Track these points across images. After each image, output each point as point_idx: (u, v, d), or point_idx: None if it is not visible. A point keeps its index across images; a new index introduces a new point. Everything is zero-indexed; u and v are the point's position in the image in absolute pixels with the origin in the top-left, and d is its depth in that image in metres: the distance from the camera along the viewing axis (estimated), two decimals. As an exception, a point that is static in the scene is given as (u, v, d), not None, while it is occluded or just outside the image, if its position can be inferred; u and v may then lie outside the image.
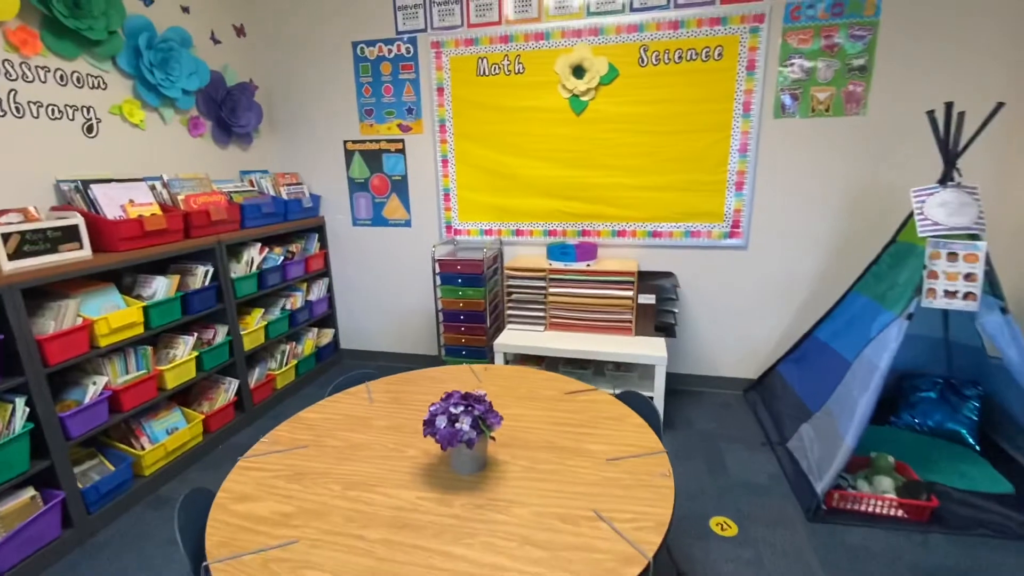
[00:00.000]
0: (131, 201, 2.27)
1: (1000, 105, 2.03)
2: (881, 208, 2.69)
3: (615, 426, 1.61)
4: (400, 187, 3.34)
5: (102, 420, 2.11)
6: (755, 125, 2.73)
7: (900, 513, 2.05)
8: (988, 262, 2.05)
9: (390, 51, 3.12)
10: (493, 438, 1.48)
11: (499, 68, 2.98)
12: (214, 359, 2.66)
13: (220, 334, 2.69)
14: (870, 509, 2.07)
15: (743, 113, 2.74)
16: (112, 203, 2.20)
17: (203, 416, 2.61)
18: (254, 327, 2.90)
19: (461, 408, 1.33)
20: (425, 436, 1.35)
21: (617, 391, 1.88)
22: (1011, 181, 2.52)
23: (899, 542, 1.93)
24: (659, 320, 2.81)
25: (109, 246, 2.17)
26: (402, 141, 3.25)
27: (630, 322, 2.82)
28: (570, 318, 2.90)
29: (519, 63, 2.94)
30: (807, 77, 2.64)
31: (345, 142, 3.35)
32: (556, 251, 2.89)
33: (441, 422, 1.31)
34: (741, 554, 1.88)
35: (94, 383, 2.09)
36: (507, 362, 2.90)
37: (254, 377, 2.96)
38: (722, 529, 2.00)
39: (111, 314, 2.10)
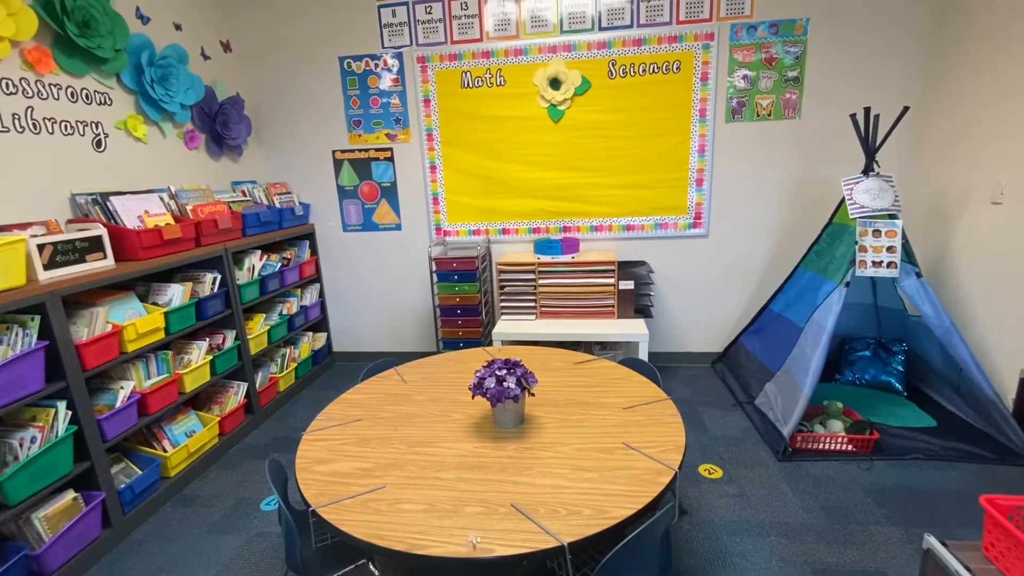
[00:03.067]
0: (147, 212, 2.36)
1: (906, 109, 2.51)
2: (817, 197, 3.16)
3: (624, 384, 1.90)
4: (390, 193, 3.52)
5: (132, 423, 2.19)
6: (711, 129, 3.14)
7: (850, 447, 2.46)
8: (904, 236, 2.51)
9: (376, 65, 3.32)
10: (533, 394, 1.73)
11: (482, 81, 3.24)
12: (225, 363, 2.75)
13: (229, 339, 2.78)
14: (826, 447, 2.47)
15: (700, 118, 3.13)
16: (130, 214, 2.29)
17: (218, 419, 2.69)
18: (258, 331, 3.00)
19: (505, 371, 1.57)
20: (474, 397, 1.58)
21: (607, 356, 2.17)
22: (920, 169, 3.05)
23: (851, 469, 2.33)
24: (637, 303, 3.15)
25: (130, 255, 2.25)
26: (391, 149, 3.44)
27: (612, 306, 3.15)
28: (559, 306, 3.19)
29: (500, 76, 3.22)
30: (751, 87, 3.07)
31: (334, 152, 3.50)
32: (544, 246, 3.18)
33: (491, 383, 1.55)
34: (727, 491, 2.21)
35: (122, 387, 2.17)
36: (503, 350, 3.14)
37: (259, 380, 3.06)
38: (709, 473, 2.34)
39: (137, 320, 2.19)
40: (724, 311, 3.45)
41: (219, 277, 2.70)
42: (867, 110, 2.55)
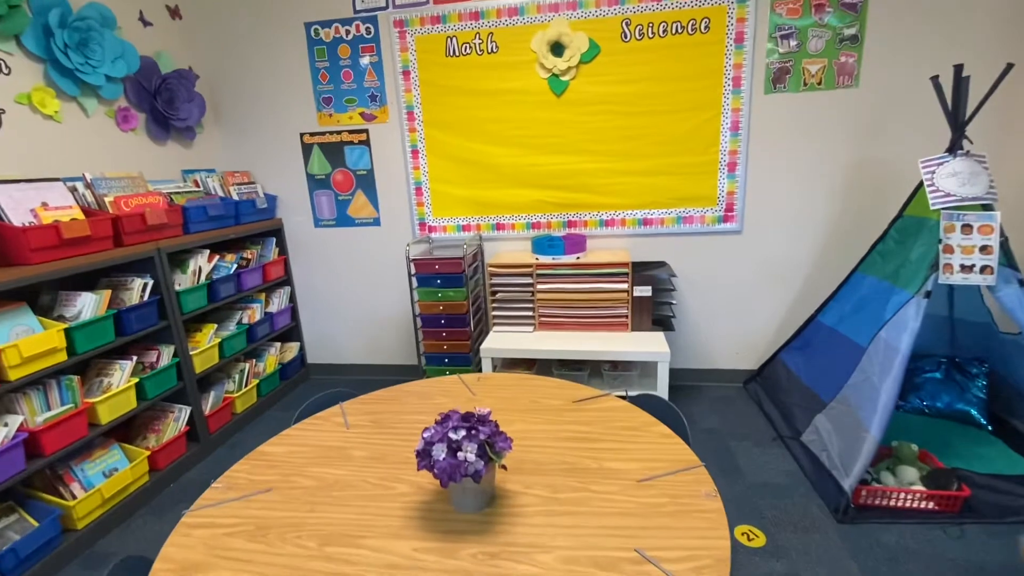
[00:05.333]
0: (44, 204, 1.91)
1: (1010, 66, 1.92)
2: (877, 184, 2.58)
3: (638, 437, 1.39)
4: (366, 182, 3.04)
5: (17, 469, 1.75)
6: (746, 101, 2.58)
7: (931, 505, 1.91)
8: (1003, 233, 1.94)
9: (348, 32, 2.82)
10: (504, 466, 1.23)
11: (470, 48, 2.73)
12: (159, 385, 2.31)
13: (165, 356, 2.34)
14: (900, 504, 1.93)
15: (733, 89, 2.58)
16: (19, 207, 1.84)
17: (149, 452, 2.25)
18: (206, 345, 2.55)
19: (463, 432, 1.08)
20: (419, 470, 1.09)
21: (618, 394, 1.66)
22: (1015, 145, 2.44)
23: (936, 537, 1.79)
24: (656, 313, 2.63)
25: (18, 258, 1.81)
26: (366, 131, 2.95)
27: (626, 317, 2.62)
28: (561, 316, 2.68)
29: (492, 42, 2.70)
30: (798, 49, 2.50)
31: (302, 135, 3.03)
32: (543, 244, 2.66)
33: (439, 451, 1.05)
34: (775, 568, 1.69)
35: (5, 425, 1.73)
36: (495, 368, 2.65)
37: (209, 402, 2.61)
38: (748, 540, 1.82)
39: (23, 340, 1.74)
40: (760, 321, 2.90)
41: (150, 283, 2.25)
42: (958, 69, 1.97)
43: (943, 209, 1.98)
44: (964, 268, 1.97)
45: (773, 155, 2.65)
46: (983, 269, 1.95)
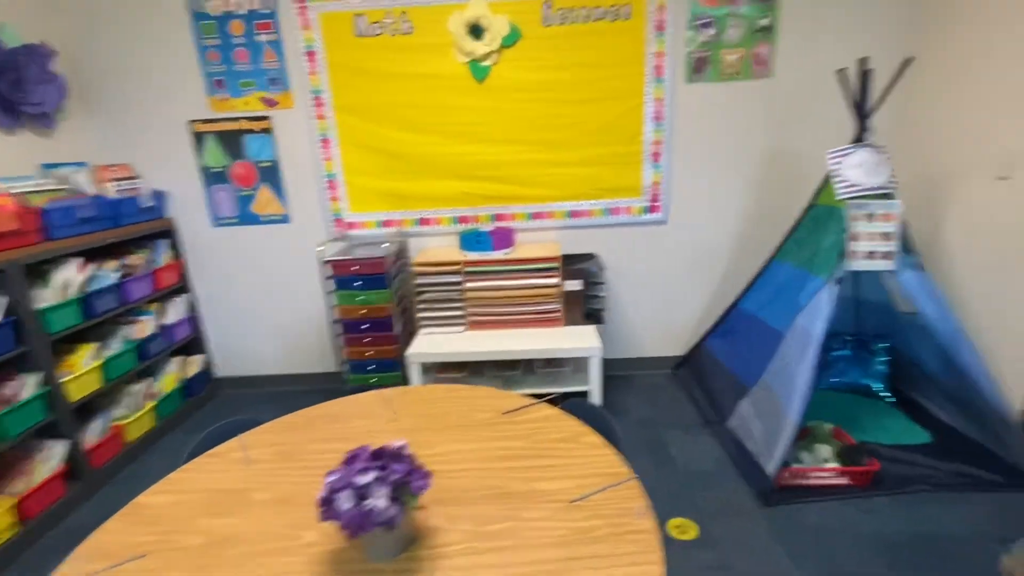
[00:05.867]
0: None
1: (908, 61, 2.02)
2: (794, 172, 2.68)
3: (571, 450, 1.32)
4: (271, 175, 2.75)
5: None
6: (668, 91, 2.57)
7: (844, 481, 2.02)
8: (902, 220, 2.05)
9: (239, 5, 2.50)
10: (420, 507, 1.11)
11: (381, 27, 2.51)
12: (23, 420, 1.96)
13: (28, 386, 1.99)
14: (818, 482, 2.02)
15: (655, 78, 2.55)
16: None
17: (16, 499, 1.92)
18: (84, 369, 2.21)
19: (372, 475, 0.94)
20: (323, 521, 0.95)
21: (548, 398, 1.59)
22: (908, 137, 2.61)
23: (852, 513, 1.88)
24: (587, 307, 2.59)
25: None
26: (268, 118, 2.66)
27: (559, 312, 2.57)
28: (493, 314, 2.57)
29: (406, 21, 2.50)
30: (716, 39, 2.51)
31: (192, 122, 2.67)
32: (470, 240, 2.53)
33: (345, 501, 0.91)
34: (706, 559, 1.71)
35: None
36: (425, 371, 2.51)
37: (93, 433, 2.28)
38: (681, 532, 1.83)
39: None
40: (687, 309, 2.95)
41: (3, 302, 1.89)
42: (863, 62, 2.04)
43: (849, 198, 2.07)
44: (868, 254, 2.07)
45: (696, 145, 2.67)
46: (885, 255, 2.06)
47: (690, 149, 2.67)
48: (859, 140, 2.11)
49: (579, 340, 2.41)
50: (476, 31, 2.49)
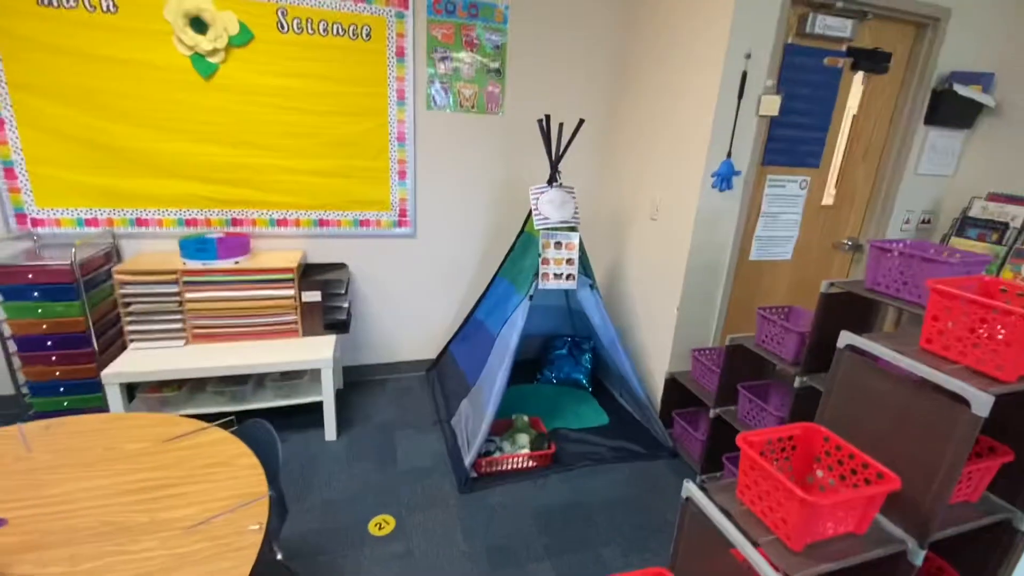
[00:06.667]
0: None
1: (582, 121, 2.49)
2: (520, 199, 3.08)
3: (217, 475, 1.36)
4: (-87, 155, 2.19)
5: None
6: (410, 115, 2.74)
7: (532, 464, 2.44)
8: (582, 249, 2.54)
9: None
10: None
11: (76, 0, 2.18)
12: None
13: None
14: (510, 467, 2.40)
15: (398, 101, 2.70)
16: None
17: None
18: None
19: None
20: None
21: (226, 419, 1.62)
22: (604, 183, 3.21)
23: (527, 490, 2.28)
24: (328, 317, 2.64)
25: None
26: (-97, 84, 2.11)
27: (295, 323, 2.56)
28: (220, 327, 2.45)
29: (108, -1, 2.21)
30: (453, 72, 2.76)
31: None
32: (191, 247, 2.37)
33: None
34: (395, 550, 1.92)
35: None
36: (134, 391, 2.29)
37: None
38: (379, 528, 2.01)
39: None
40: (438, 315, 3.20)
41: None
42: (547, 118, 2.46)
43: (542, 229, 2.48)
44: (556, 276, 2.51)
45: (440, 166, 2.90)
46: (568, 277, 2.53)
47: (434, 170, 2.89)
48: (552, 181, 2.54)
49: (311, 352, 2.44)
50: (199, 24, 2.33)
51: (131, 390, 2.38)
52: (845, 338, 1.35)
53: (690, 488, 1.23)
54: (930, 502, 1.14)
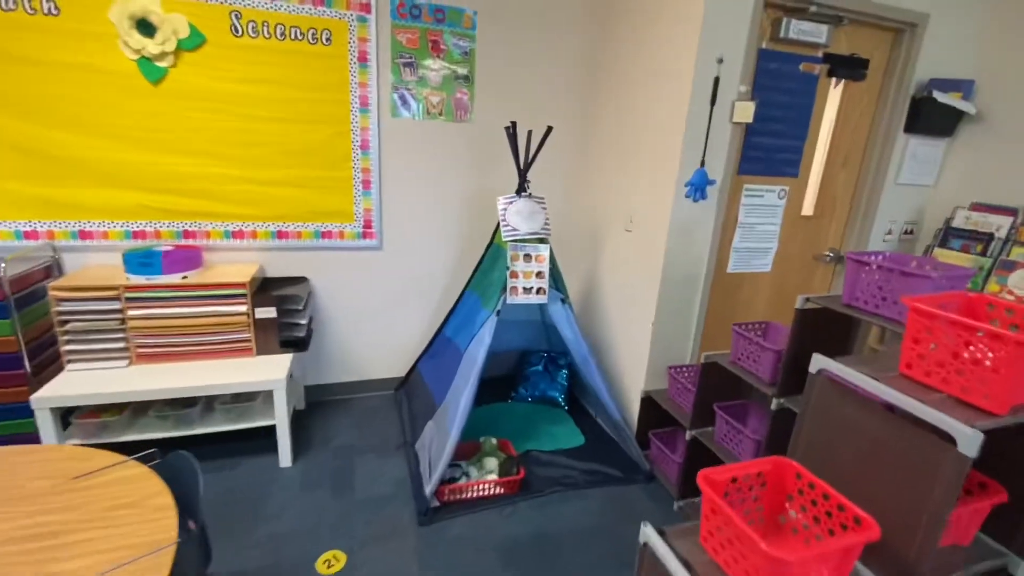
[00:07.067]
0: None
1: (550, 129, 2.39)
2: (491, 210, 2.96)
3: (124, 518, 1.22)
4: None
5: None
6: (374, 122, 2.62)
7: (500, 491, 2.29)
8: (553, 261, 2.42)
9: None
10: None
11: (15, 1, 2.06)
12: None
13: None
14: (476, 495, 2.25)
15: (361, 108, 2.59)
16: None
17: None
18: None
19: None
20: None
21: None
22: (579, 192, 3.10)
23: (493, 520, 2.14)
24: (284, 334, 2.49)
25: None
26: None
27: (249, 341, 2.42)
28: (166, 345, 2.30)
29: (48, 0, 2.09)
30: (420, 79, 2.65)
31: None
32: (134, 261, 2.22)
33: None
34: (343, 590, 1.76)
35: None
36: (70, 416, 2.13)
37: None
38: (328, 567, 1.85)
39: None
40: (407, 331, 3.06)
41: None
42: (513, 125, 2.35)
43: (510, 240, 2.36)
44: (525, 290, 2.39)
45: (407, 176, 2.78)
46: (538, 291, 2.40)
47: (401, 179, 2.77)
48: (520, 191, 2.42)
49: (262, 373, 2.29)
50: (146, 27, 2.21)
51: (68, 415, 2.21)
52: (818, 362, 1.24)
53: (647, 533, 1.11)
54: (915, 553, 1.02)
